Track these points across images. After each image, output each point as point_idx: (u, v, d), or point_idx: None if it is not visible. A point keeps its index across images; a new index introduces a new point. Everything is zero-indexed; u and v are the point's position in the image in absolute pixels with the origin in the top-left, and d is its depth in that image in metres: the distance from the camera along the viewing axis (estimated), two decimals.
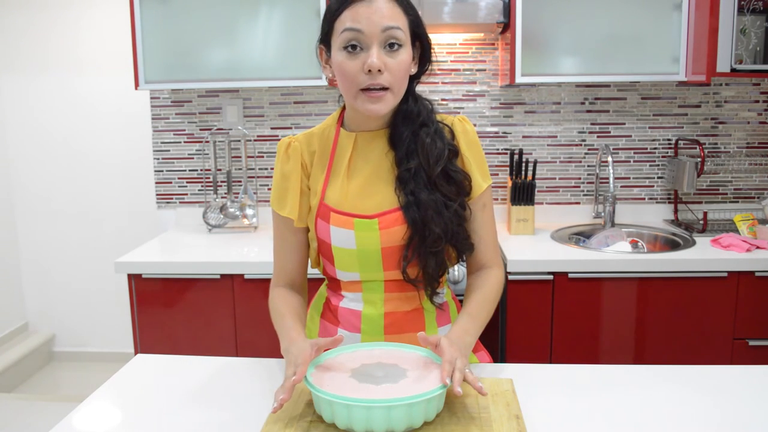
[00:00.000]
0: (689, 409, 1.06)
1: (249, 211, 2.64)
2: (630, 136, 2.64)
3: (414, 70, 1.19)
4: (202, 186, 2.76)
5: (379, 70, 1.09)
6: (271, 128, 2.72)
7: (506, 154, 2.65)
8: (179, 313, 2.20)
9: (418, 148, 1.17)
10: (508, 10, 2.27)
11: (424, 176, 1.16)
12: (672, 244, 2.35)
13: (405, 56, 1.12)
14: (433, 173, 1.16)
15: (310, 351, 1.03)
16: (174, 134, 2.76)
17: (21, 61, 3.23)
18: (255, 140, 2.72)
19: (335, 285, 1.28)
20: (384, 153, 1.21)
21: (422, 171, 1.16)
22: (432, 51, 1.20)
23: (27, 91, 3.26)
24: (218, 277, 2.16)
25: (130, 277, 2.19)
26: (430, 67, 1.21)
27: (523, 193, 2.42)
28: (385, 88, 1.11)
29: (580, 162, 2.67)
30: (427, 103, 1.23)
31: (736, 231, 2.31)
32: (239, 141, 2.68)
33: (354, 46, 1.10)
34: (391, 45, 1.10)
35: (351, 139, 1.22)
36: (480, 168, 1.23)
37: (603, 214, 2.55)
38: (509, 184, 2.47)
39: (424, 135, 1.17)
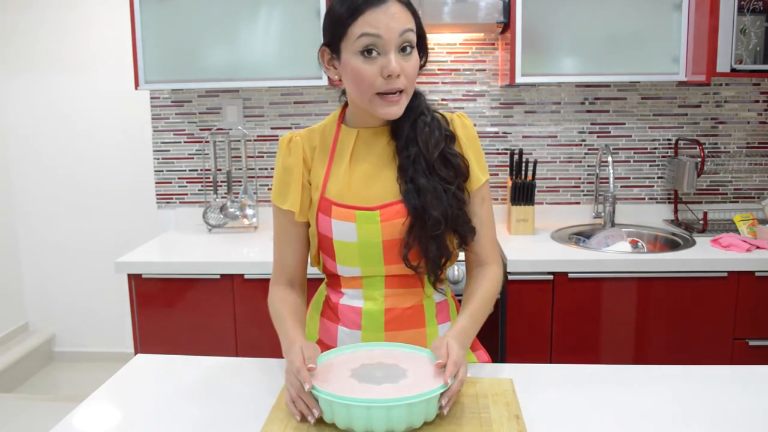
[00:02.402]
0: (689, 409, 1.06)
1: (249, 211, 2.64)
2: (630, 136, 2.64)
3: None
4: (202, 186, 2.76)
5: (398, 75, 1.11)
6: (271, 128, 2.72)
7: (506, 154, 2.65)
8: (179, 313, 2.20)
9: (417, 135, 1.19)
10: (508, 10, 2.27)
11: (423, 162, 1.19)
12: (672, 244, 2.34)
13: (416, 57, 1.15)
14: (431, 158, 1.18)
15: (303, 354, 1.04)
16: (174, 134, 2.76)
17: (21, 61, 3.23)
18: (255, 140, 2.72)
19: (335, 282, 1.29)
20: (386, 144, 1.23)
21: (421, 157, 1.19)
22: (426, 45, 1.22)
23: (27, 91, 3.26)
24: (218, 277, 2.16)
25: (130, 277, 2.19)
26: (426, 63, 1.23)
27: (523, 193, 2.42)
28: (400, 91, 1.14)
29: (580, 162, 2.67)
30: (423, 96, 1.26)
31: (736, 231, 2.31)
32: (239, 141, 2.68)
33: (370, 51, 1.11)
34: (404, 48, 1.12)
35: (353, 134, 1.23)
36: (479, 162, 1.26)
37: (603, 214, 2.55)
38: (509, 184, 2.46)
39: (421, 124, 1.20)
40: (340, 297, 1.27)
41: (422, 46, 1.21)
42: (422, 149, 1.18)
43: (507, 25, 2.33)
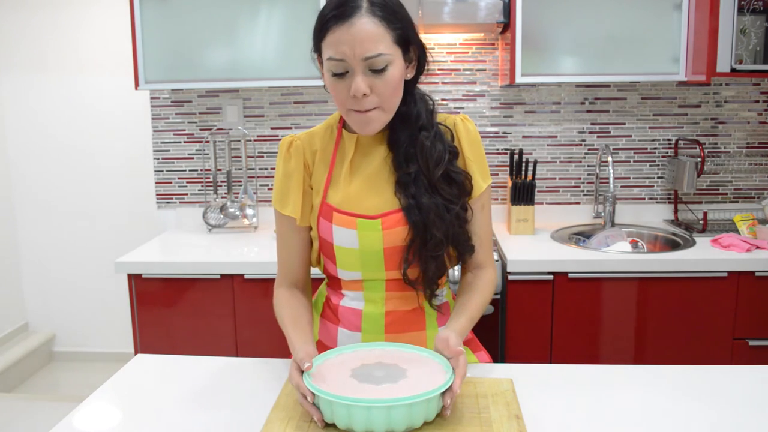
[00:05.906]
0: (689, 409, 1.06)
1: (249, 211, 2.64)
2: (630, 136, 2.64)
3: (411, 75, 1.17)
4: (202, 186, 2.76)
5: (365, 94, 1.08)
6: (271, 128, 2.72)
7: (506, 154, 2.65)
8: (179, 313, 2.20)
9: (417, 152, 1.16)
10: (508, 10, 2.27)
11: (424, 180, 1.16)
12: (672, 244, 2.34)
13: (393, 73, 1.09)
14: (433, 177, 1.16)
15: (298, 363, 1.03)
16: (174, 134, 2.76)
17: (21, 61, 3.23)
18: (255, 140, 2.72)
19: (336, 284, 1.28)
20: (386, 153, 1.21)
21: (422, 175, 1.16)
22: (427, 52, 1.18)
23: (27, 91, 3.26)
24: (218, 277, 2.16)
25: (130, 277, 2.19)
26: (427, 68, 1.20)
27: (523, 193, 2.42)
28: (374, 108, 1.11)
29: (580, 162, 2.67)
30: (429, 101, 1.22)
31: (736, 231, 2.31)
32: (239, 141, 2.68)
33: (340, 72, 1.09)
34: (375, 69, 1.08)
35: (353, 140, 1.22)
36: (480, 168, 1.23)
37: (603, 214, 2.55)
38: (509, 184, 2.46)
39: (423, 138, 1.17)
40: (341, 299, 1.27)
41: (422, 55, 1.16)
42: (423, 168, 1.15)
43: (507, 25, 2.33)
